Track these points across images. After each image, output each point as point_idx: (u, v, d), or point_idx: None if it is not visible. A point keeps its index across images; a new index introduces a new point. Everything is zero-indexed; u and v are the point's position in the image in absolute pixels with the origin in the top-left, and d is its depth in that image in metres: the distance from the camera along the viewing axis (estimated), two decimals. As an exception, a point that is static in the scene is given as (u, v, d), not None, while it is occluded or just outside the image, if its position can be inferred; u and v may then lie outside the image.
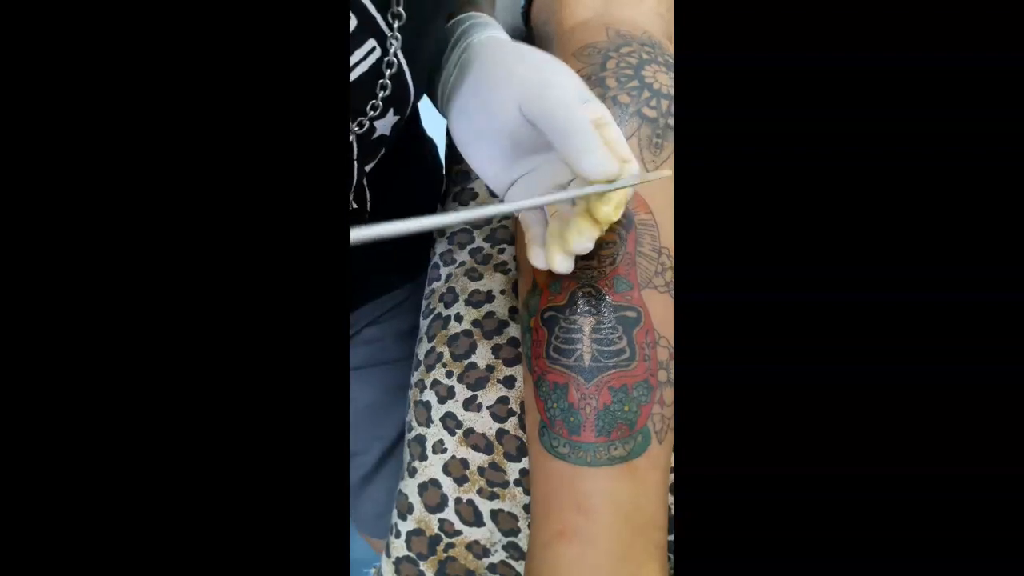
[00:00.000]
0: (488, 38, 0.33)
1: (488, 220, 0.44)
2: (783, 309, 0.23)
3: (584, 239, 0.27)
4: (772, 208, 0.23)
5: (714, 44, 0.23)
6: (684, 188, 0.23)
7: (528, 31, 0.54)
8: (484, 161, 0.31)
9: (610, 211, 0.27)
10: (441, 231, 0.46)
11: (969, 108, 0.22)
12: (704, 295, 0.23)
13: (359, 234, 0.17)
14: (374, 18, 0.28)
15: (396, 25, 0.29)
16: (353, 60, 0.28)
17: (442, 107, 0.36)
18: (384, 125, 0.32)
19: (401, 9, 0.29)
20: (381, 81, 0.30)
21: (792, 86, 0.23)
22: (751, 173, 0.23)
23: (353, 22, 0.27)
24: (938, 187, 0.22)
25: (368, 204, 0.39)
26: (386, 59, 0.30)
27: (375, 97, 0.31)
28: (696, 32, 0.23)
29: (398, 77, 0.31)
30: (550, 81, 0.28)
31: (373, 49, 0.28)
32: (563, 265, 0.28)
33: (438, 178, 0.53)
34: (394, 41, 0.29)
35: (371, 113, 0.31)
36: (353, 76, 0.28)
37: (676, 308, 0.34)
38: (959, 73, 0.22)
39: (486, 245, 0.43)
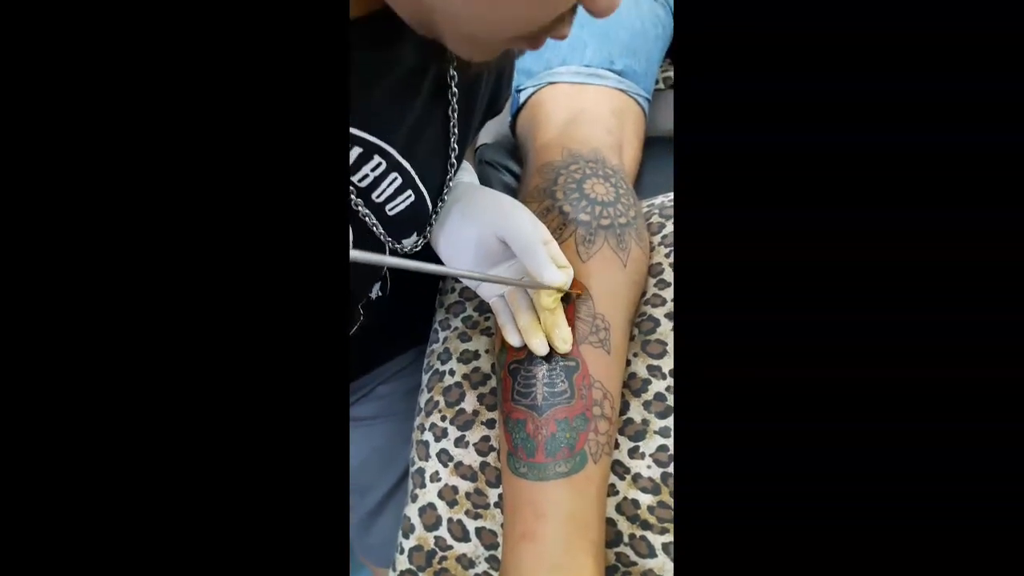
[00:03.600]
0: (466, 183, 0.46)
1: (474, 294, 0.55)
2: (780, 320, 0.24)
3: (567, 344, 0.40)
4: (768, 215, 0.24)
5: (711, 67, 0.25)
6: (685, 194, 0.26)
7: (514, 138, 0.67)
8: (463, 268, 0.44)
9: (550, 301, 0.39)
10: (440, 302, 0.57)
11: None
12: (703, 309, 0.24)
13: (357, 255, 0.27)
14: (414, 179, 0.40)
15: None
16: (395, 203, 0.40)
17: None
18: (411, 242, 0.44)
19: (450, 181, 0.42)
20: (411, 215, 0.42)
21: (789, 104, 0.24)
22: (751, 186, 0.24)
23: (399, 180, 0.39)
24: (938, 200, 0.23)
25: (388, 288, 0.50)
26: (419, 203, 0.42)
27: (407, 225, 0.42)
28: (695, 57, 0.25)
29: (425, 211, 0.42)
30: (516, 218, 0.40)
31: (409, 195, 0.40)
32: (541, 350, 0.40)
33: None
34: (429, 203, 0.42)
35: (404, 238, 0.43)
36: (392, 213, 0.40)
37: (676, 324, 0.43)
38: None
39: (475, 314, 0.53)
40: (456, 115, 0.41)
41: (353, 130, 0.35)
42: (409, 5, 0.29)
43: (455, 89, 0.40)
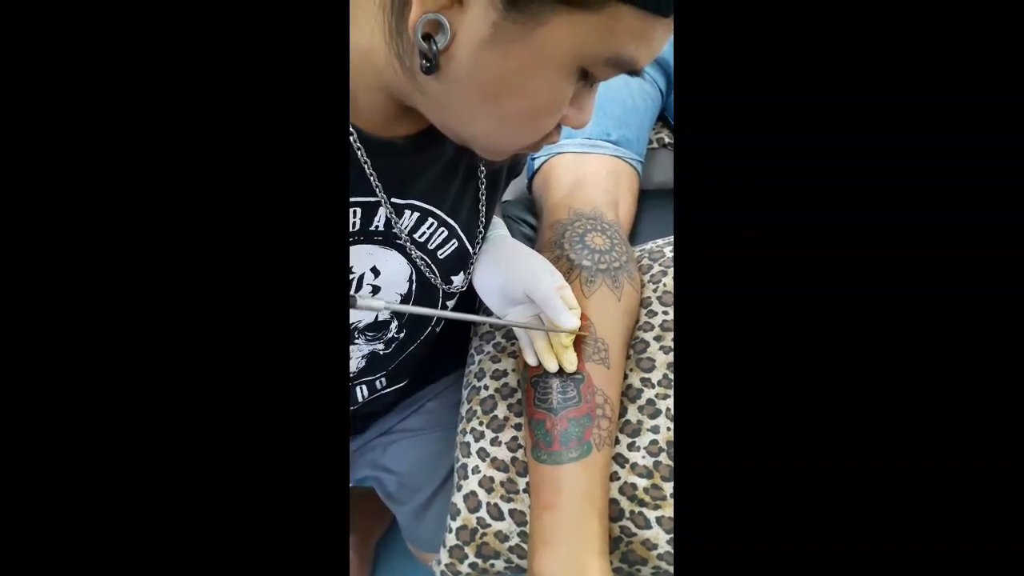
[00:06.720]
0: (498, 235, 0.59)
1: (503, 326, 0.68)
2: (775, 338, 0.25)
3: (574, 365, 0.52)
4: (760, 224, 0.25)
5: (711, 92, 0.26)
6: (685, 210, 0.27)
7: (530, 195, 0.80)
8: (494, 303, 0.57)
9: (566, 340, 0.52)
10: (475, 331, 0.70)
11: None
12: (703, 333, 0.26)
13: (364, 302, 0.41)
14: (457, 232, 0.53)
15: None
16: (444, 249, 0.53)
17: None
18: (459, 280, 0.57)
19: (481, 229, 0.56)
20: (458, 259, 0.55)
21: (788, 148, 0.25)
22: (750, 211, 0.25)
23: (446, 232, 0.52)
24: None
25: (441, 325, 0.63)
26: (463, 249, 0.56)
27: (454, 266, 0.56)
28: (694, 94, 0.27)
29: (467, 255, 0.56)
30: (536, 271, 0.53)
31: (454, 243, 0.53)
32: (553, 368, 0.53)
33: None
34: (470, 247, 0.55)
35: (452, 276, 0.56)
36: (442, 257, 0.54)
37: (676, 317, 0.56)
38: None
39: (503, 340, 0.66)
40: (484, 187, 0.55)
41: (413, 201, 0.49)
42: (446, 128, 0.43)
43: (483, 168, 0.54)
